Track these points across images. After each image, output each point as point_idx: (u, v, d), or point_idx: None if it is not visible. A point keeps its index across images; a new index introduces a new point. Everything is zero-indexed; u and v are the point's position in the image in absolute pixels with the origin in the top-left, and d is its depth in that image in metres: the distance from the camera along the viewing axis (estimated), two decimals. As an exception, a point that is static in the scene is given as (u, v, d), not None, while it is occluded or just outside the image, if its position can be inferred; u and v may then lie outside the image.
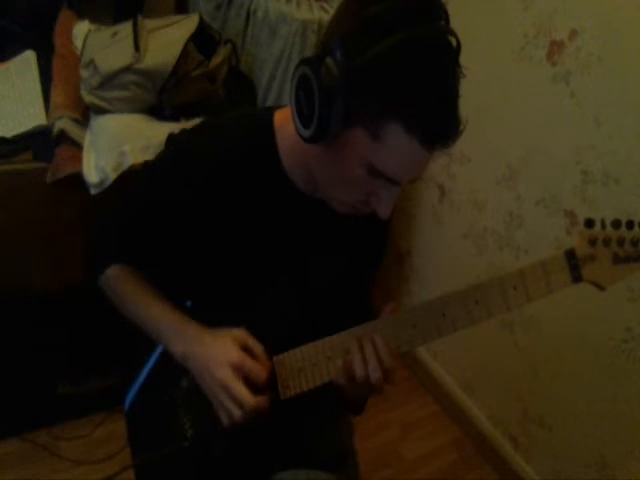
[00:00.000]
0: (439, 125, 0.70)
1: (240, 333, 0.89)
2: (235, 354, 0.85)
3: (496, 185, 1.78)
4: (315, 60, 0.70)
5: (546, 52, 1.54)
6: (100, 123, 1.60)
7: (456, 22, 0.73)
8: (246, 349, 0.88)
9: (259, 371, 0.86)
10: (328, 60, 0.68)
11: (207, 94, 1.72)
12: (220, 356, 0.85)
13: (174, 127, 1.60)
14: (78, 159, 1.52)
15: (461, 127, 0.71)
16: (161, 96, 1.62)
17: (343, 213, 0.85)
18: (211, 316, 0.94)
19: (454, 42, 0.71)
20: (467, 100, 0.77)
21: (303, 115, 0.73)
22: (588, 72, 1.44)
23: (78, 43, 1.73)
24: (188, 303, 0.99)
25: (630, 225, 0.80)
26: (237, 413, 0.84)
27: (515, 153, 1.69)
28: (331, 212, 0.85)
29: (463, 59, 0.72)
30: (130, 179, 1.24)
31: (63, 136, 1.54)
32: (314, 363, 0.89)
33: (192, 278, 0.99)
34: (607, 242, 0.80)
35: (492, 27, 1.70)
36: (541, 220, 1.65)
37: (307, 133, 0.74)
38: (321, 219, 0.90)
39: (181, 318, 0.92)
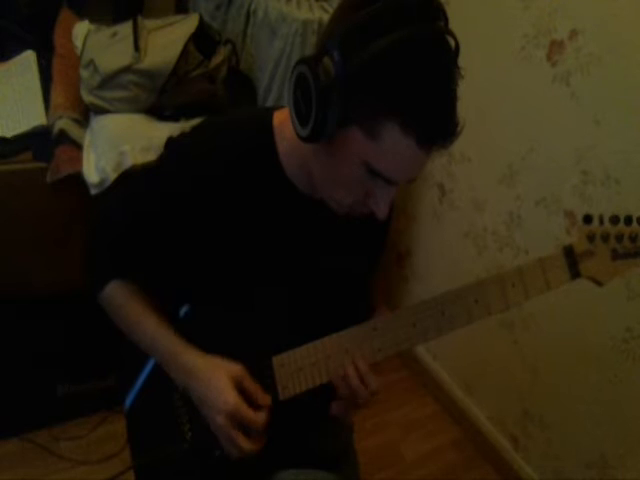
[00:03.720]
0: (436, 126, 0.70)
1: (236, 371, 0.88)
2: (231, 401, 0.85)
3: (496, 185, 1.78)
4: (312, 59, 0.70)
5: (546, 52, 1.54)
6: (100, 123, 1.60)
7: (456, 22, 0.73)
8: (242, 389, 0.88)
9: (255, 421, 0.86)
10: (325, 59, 0.68)
11: (207, 94, 1.72)
12: (217, 402, 0.86)
13: (174, 127, 1.60)
14: (78, 159, 1.53)
15: (459, 128, 0.71)
16: (161, 96, 1.62)
17: (341, 214, 0.85)
18: (211, 317, 0.95)
19: (452, 43, 0.71)
20: (467, 100, 0.77)
21: (300, 114, 0.73)
22: (588, 72, 1.44)
23: (78, 43, 1.74)
24: (185, 308, 0.99)
25: (628, 221, 0.80)
26: (235, 455, 0.88)
27: (515, 153, 1.69)
28: (331, 212, 0.85)
29: (463, 59, 0.72)
30: (129, 183, 1.24)
31: (63, 136, 1.54)
32: (313, 363, 0.89)
33: (192, 279, 0.99)
34: (605, 238, 0.80)
35: (492, 27, 1.70)
36: (541, 220, 1.65)
37: (304, 132, 0.73)
38: (321, 219, 0.90)
39: (175, 345, 0.92)
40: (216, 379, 0.87)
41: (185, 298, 0.99)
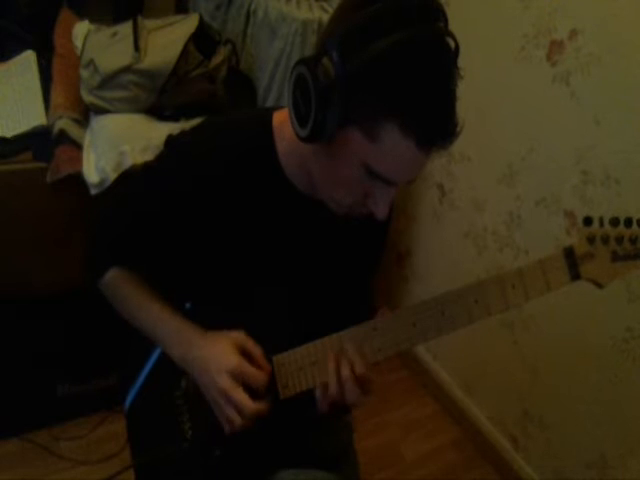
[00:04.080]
0: (435, 126, 0.69)
1: (239, 336, 0.89)
2: (234, 360, 0.86)
3: (496, 185, 1.78)
4: (312, 60, 0.70)
5: (546, 52, 1.54)
6: (100, 123, 1.60)
7: (456, 22, 0.73)
8: (245, 353, 0.88)
9: (258, 377, 0.86)
10: (324, 60, 0.68)
11: (207, 94, 1.72)
12: (219, 362, 0.86)
13: (174, 127, 1.60)
14: (78, 159, 1.53)
15: (458, 129, 0.71)
16: (161, 96, 1.62)
17: (341, 215, 0.85)
18: (211, 317, 0.95)
19: (452, 44, 0.71)
20: (467, 100, 0.77)
21: (300, 115, 0.73)
22: (588, 72, 1.44)
23: (78, 43, 1.74)
24: (188, 305, 0.99)
25: (628, 223, 0.79)
26: (237, 419, 0.85)
27: (515, 153, 1.69)
28: (330, 212, 0.85)
29: (463, 59, 0.72)
30: (129, 182, 1.25)
31: (63, 136, 1.54)
32: (313, 362, 0.89)
33: (192, 279, 0.99)
34: (605, 240, 0.80)
35: (492, 27, 1.70)
36: (541, 220, 1.65)
37: (304, 133, 0.73)
38: (320, 219, 0.90)
39: (180, 321, 0.93)
40: (218, 346, 0.88)
41: (185, 297, 1.00)
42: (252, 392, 0.86)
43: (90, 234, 1.03)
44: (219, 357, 0.86)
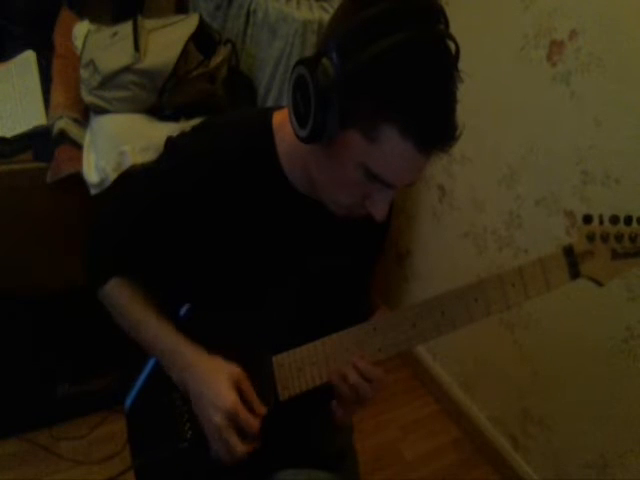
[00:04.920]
0: (435, 129, 0.69)
1: (235, 371, 0.89)
2: (230, 400, 0.85)
3: (496, 185, 1.79)
4: (312, 60, 0.70)
5: (546, 52, 1.54)
6: (100, 123, 1.60)
7: (456, 22, 0.73)
8: (240, 390, 0.88)
9: (251, 424, 0.86)
10: (324, 60, 0.68)
11: (207, 94, 1.72)
12: (215, 399, 0.86)
13: (174, 127, 1.60)
14: (78, 159, 1.52)
15: (457, 132, 0.70)
16: (161, 96, 1.61)
17: (340, 215, 0.85)
18: (211, 317, 0.95)
19: (453, 47, 0.71)
20: (467, 100, 0.77)
21: (299, 115, 0.73)
22: (588, 72, 1.44)
23: (78, 43, 1.73)
24: (185, 307, 0.99)
25: (628, 221, 0.80)
26: (226, 458, 0.87)
27: (515, 153, 1.69)
28: (330, 213, 0.85)
29: (463, 59, 0.72)
30: (128, 183, 1.25)
31: (63, 136, 1.54)
32: (313, 363, 0.89)
33: (192, 280, 0.99)
34: (605, 238, 0.80)
35: (492, 27, 1.70)
36: (541, 220, 1.65)
37: (303, 133, 0.73)
38: (320, 220, 0.90)
39: (176, 341, 0.92)
40: (216, 378, 0.87)
41: (185, 298, 0.99)
42: (243, 433, 0.86)
43: (90, 237, 1.02)
44: (215, 392, 0.86)
